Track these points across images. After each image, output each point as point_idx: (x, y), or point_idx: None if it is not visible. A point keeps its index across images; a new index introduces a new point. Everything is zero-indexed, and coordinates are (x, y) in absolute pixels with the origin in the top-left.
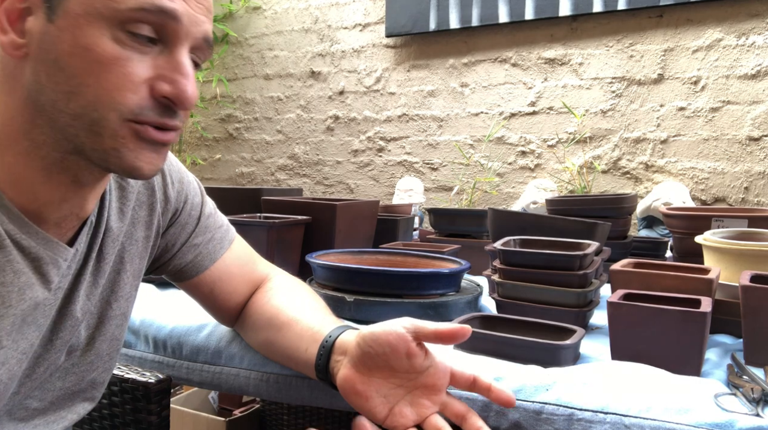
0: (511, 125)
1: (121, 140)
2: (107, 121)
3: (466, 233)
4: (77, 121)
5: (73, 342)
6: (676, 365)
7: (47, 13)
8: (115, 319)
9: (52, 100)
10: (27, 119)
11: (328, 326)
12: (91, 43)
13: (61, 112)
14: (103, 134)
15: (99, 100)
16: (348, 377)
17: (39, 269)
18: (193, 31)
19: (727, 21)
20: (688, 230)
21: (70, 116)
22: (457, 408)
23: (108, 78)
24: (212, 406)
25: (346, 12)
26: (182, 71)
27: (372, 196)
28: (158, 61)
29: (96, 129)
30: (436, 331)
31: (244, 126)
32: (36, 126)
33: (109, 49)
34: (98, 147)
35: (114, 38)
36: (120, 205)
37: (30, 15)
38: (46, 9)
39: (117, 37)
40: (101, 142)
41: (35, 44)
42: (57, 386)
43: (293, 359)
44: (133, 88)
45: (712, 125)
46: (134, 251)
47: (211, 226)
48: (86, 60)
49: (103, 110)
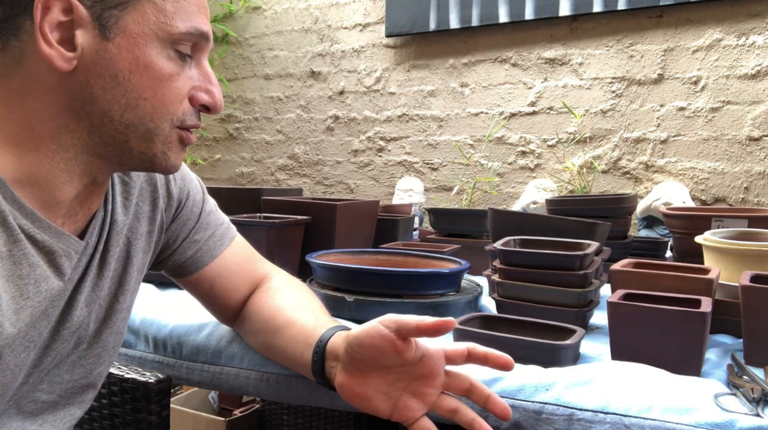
0: (511, 125)
1: (169, 145)
2: (161, 130)
3: (466, 233)
4: (130, 130)
5: (81, 334)
6: (676, 365)
7: (101, 31)
8: (122, 312)
9: (103, 110)
10: (59, 124)
11: (320, 328)
12: (150, 62)
13: (112, 121)
14: (156, 141)
15: (156, 112)
16: (344, 382)
17: (53, 262)
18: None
19: (727, 21)
20: (688, 230)
21: (123, 125)
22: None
23: (164, 93)
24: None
25: (346, 12)
26: (213, 81)
27: (372, 196)
28: (192, 74)
29: (149, 136)
30: (418, 325)
31: (244, 126)
32: (69, 131)
33: (165, 66)
34: (148, 152)
35: (167, 56)
36: (123, 199)
37: (76, 29)
38: (98, 26)
39: (169, 55)
40: (152, 147)
41: (89, 58)
42: (65, 379)
43: (292, 363)
44: (181, 100)
45: (712, 125)
46: (139, 246)
47: (211, 223)
48: (146, 76)
49: (159, 121)
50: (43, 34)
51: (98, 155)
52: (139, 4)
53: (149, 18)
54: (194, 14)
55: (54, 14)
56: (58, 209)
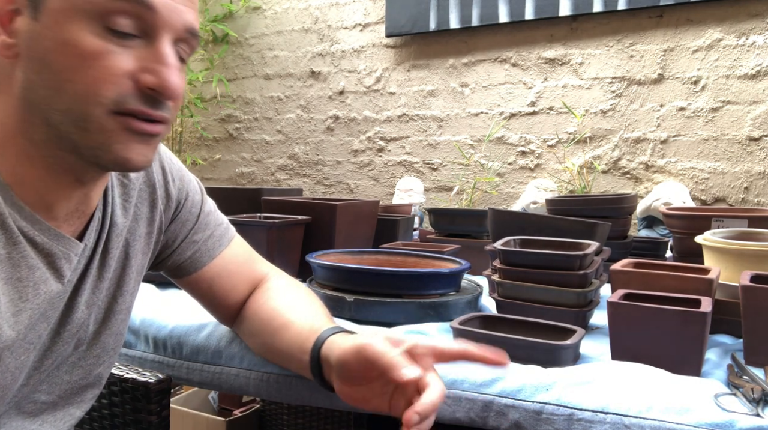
0: (511, 125)
1: (109, 134)
2: (93, 116)
3: (466, 233)
4: (67, 118)
5: (81, 335)
6: (676, 365)
7: (32, 12)
8: (121, 313)
9: (43, 98)
10: (23, 118)
11: (314, 333)
12: (72, 39)
13: (52, 110)
14: (91, 129)
15: (83, 95)
16: (342, 389)
17: (52, 264)
18: (174, 22)
19: (727, 21)
20: (688, 230)
21: (61, 113)
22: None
23: (90, 72)
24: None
25: (346, 12)
26: (164, 61)
27: (372, 196)
28: (141, 54)
29: (83, 125)
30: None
31: (244, 126)
32: (32, 125)
33: (90, 43)
34: (89, 143)
35: (94, 33)
36: (123, 201)
37: (19, 15)
38: (31, 8)
39: (97, 32)
40: (90, 137)
41: (24, 44)
42: (64, 380)
43: (292, 365)
44: (115, 81)
45: (712, 125)
46: (137, 247)
47: (210, 223)
48: (69, 56)
49: (87, 105)
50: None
51: (66, 150)
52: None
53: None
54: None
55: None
56: (53, 211)
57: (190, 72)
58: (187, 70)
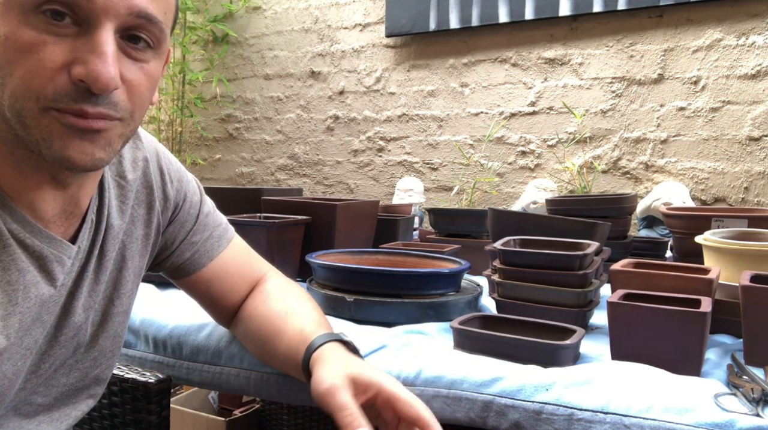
0: (511, 125)
1: (45, 129)
2: (28, 111)
3: (466, 233)
4: (11, 114)
5: (79, 339)
6: (676, 365)
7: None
8: (118, 316)
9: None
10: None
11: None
12: (9, 32)
13: (2, 106)
14: (29, 125)
15: (19, 90)
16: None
17: (44, 268)
18: (115, 7)
19: (727, 21)
20: (688, 230)
21: (7, 109)
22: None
23: (26, 66)
24: (212, 406)
25: (346, 12)
26: (97, 50)
27: (372, 196)
28: (77, 44)
29: (23, 121)
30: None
31: (244, 126)
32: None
33: (25, 35)
34: (30, 138)
35: (30, 25)
36: (119, 203)
37: None
38: None
39: (33, 24)
40: (30, 132)
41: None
42: (61, 382)
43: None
44: (49, 75)
45: (712, 125)
46: (135, 249)
47: (209, 224)
48: (9, 49)
49: (23, 100)
50: None
51: (27, 148)
52: None
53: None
54: None
55: None
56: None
57: (190, 72)
58: (188, 70)
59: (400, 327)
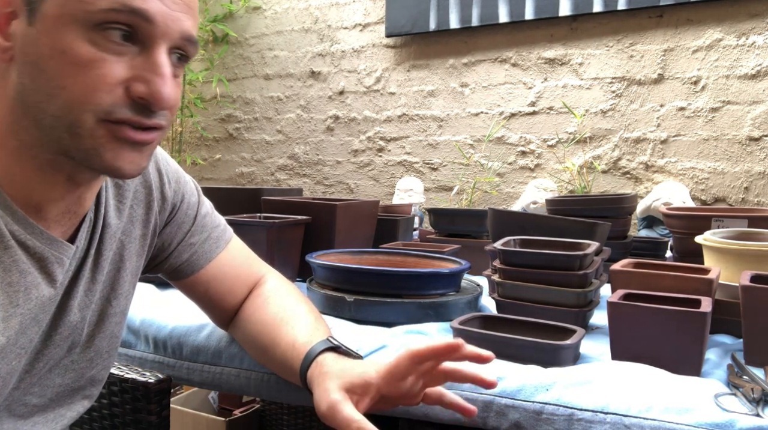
0: (511, 125)
1: (99, 140)
2: (83, 122)
3: (466, 233)
4: (59, 123)
5: (74, 338)
6: (676, 365)
7: (28, 17)
8: (115, 316)
9: (36, 102)
10: (15, 120)
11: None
12: (66, 46)
13: (44, 114)
14: (82, 135)
15: (75, 102)
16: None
17: (44, 269)
18: (171, 31)
19: (727, 21)
20: (688, 230)
21: (53, 118)
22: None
23: (83, 80)
24: (212, 406)
25: (346, 12)
26: (158, 71)
27: (372, 196)
28: (135, 62)
29: (75, 130)
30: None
31: (244, 126)
32: (23, 127)
33: (84, 51)
34: (80, 148)
35: (89, 40)
36: (117, 202)
37: (15, 19)
38: (27, 13)
39: (92, 39)
40: (81, 142)
41: (19, 47)
42: (56, 383)
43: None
44: (108, 89)
45: (712, 125)
46: (132, 249)
47: (207, 225)
48: (63, 62)
49: (78, 112)
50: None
51: (56, 152)
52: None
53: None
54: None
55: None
56: (44, 212)
57: (190, 72)
58: (187, 70)
59: (400, 327)
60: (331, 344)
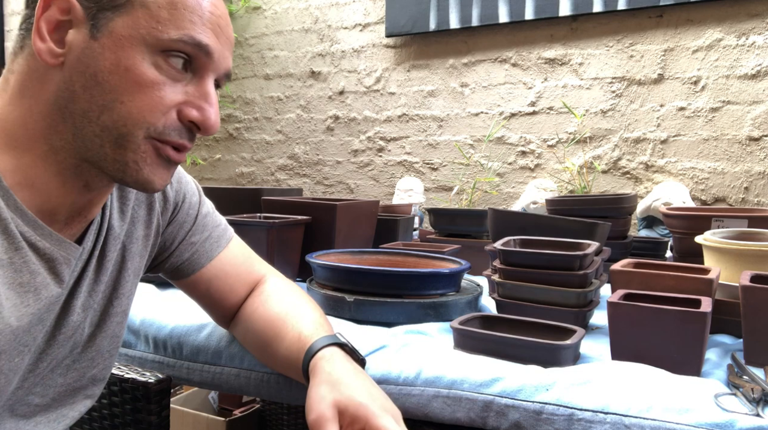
0: (511, 125)
1: (142, 155)
2: (134, 137)
3: (466, 233)
4: (105, 133)
5: (76, 338)
6: (676, 365)
7: (91, 30)
8: (117, 316)
9: (83, 110)
10: (49, 124)
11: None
12: (131, 65)
13: (90, 122)
14: (127, 148)
15: (130, 117)
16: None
17: (53, 269)
18: (220, 66)
19: (727, 21)
20: (688, 230)
21: (99, 127)
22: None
23: (143, 99)
24: (212, 406)
25: (346, 12)
26: (209, 100)
27: (372, 196)
28: (188, 89)
29: (122, 142)
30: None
31: (244, 126)
32: (57, 132)
33: (148, 72)
34: (120, 158)
35: (153, 63)
36: (120, 204)
37: (71, 28)
38: (90, 26)
39: (156, 63)
40: (124, 154)
41: (74, 56)
42: (58, 382)
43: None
44: (164, 111)
45: (712, 125)
46: (134, 250)
47: (208, 224)
48: (125, 79)
49: (132, 127)
50: (38, 29)
51: (85, 159)
52: (132, 10)
53: (140, 23)
54: (194, 25)
55: (52, 12)
56: (55, 215)
57: None
58: None
59: (400, 327)
60: (338, 340)
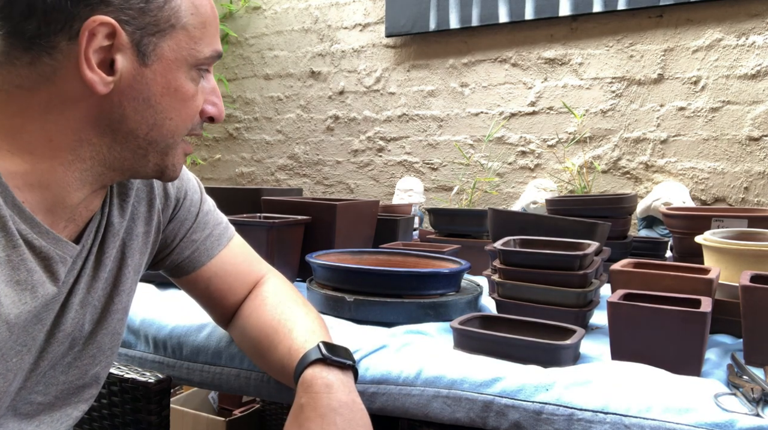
0: (511, 125)
1: (177, 157)
2: (176, 144)
3: (466, 233)
4: (151, 146)
5: (75, 335)
6: (676, 365)
7: (140, 57)
8: (117, 313)
9: (131, 129)
10: (81, 138)
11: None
12: (179, 85)
13: (136, 138)
14: (169, 154)
15: (177, 130)
16: None
17: (49, 268)
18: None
19: (727, 21)
20: (688, 230)
21: (146, 142)
22: None
23: (185, 111)
24: (212, 406)
25: (346, 12)
26: (218, 93)
27: (372, 196)
28: (202, 87)
29: (167, 150)
30: None
31: (244, 126)
32: (89, 144)
33: (189, 87)
34: (161, 163)
35: (191, 78)
36: (120, 200)
37: (116, 53)
38: (137, 52)
39: (192, 77)
40: (165, 159)
41: (125, 83)
42: (60, 380)
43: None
44: (196, 115)
45: (712, 125)
46: (134, 246)
47: (209, 222)
48: (174, 98)
49: (177, 137)
50: (87, 59)
51: (113, 168)
52: (174, 32)
53: (182, 45)
54: (215, 37)
55: (98, 40)
56: (63, 213)
57: None
58: None
59: (400, 327)
60: (320, 354)
